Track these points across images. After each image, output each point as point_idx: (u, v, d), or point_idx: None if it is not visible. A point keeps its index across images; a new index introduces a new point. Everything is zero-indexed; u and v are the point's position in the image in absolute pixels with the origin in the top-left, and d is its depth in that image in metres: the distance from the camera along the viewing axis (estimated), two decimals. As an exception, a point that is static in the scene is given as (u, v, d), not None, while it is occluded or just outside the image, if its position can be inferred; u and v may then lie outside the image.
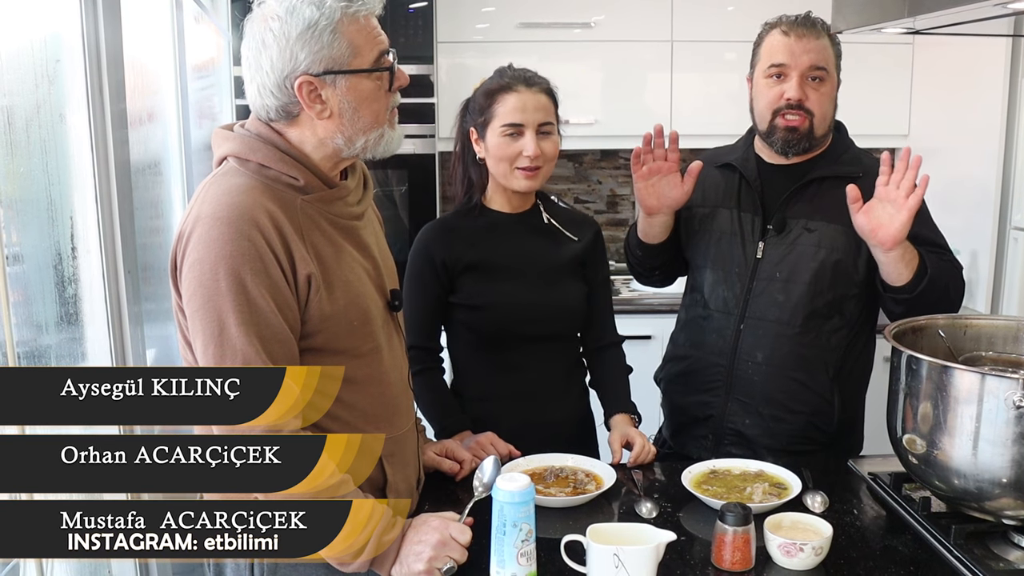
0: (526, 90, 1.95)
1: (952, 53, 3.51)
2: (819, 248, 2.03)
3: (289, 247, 1.46)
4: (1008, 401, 1.47)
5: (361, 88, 1.51)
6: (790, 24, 2.03)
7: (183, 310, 1.47)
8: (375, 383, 1.60)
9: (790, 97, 2.01)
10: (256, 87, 1.50)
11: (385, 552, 1.46)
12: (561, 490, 1.80)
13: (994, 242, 3.35)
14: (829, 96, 2.04)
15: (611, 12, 3.73)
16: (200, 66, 2.96)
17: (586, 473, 1.87)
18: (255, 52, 1.49)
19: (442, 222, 2.09)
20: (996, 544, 1.58)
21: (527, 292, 2.00)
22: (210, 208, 1.43)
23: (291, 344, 1.46)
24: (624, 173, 4.27)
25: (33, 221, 1.66)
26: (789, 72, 2.01)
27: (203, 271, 1.41)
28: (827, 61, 2.02)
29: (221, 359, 1.41)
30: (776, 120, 2.04)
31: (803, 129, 2.02)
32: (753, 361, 2.07)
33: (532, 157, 1.94)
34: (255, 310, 1.41)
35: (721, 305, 2.12)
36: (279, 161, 1.51)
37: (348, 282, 1.54)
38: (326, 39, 1.46)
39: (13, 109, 1.54)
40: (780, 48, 2.02)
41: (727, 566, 1.51)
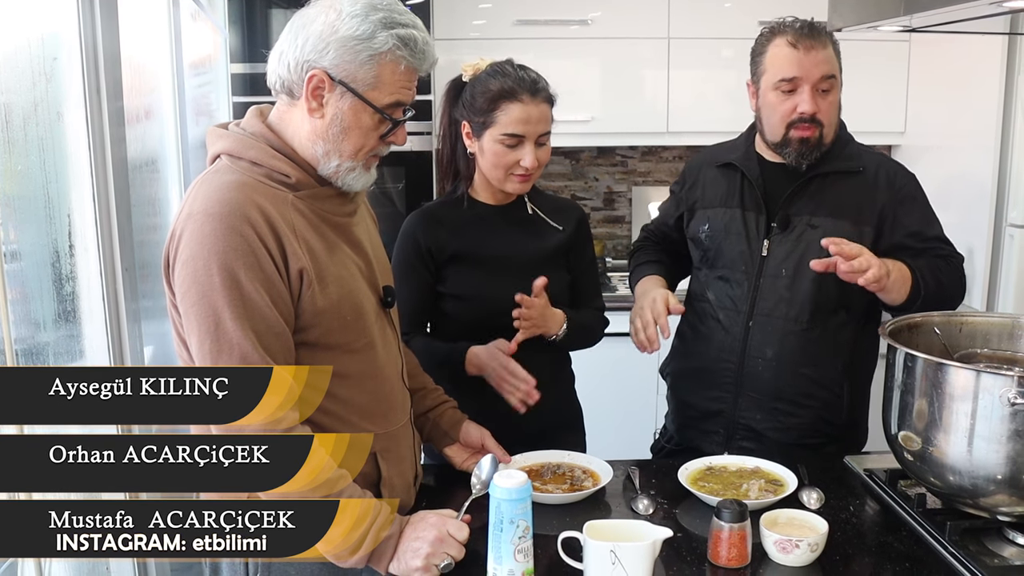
0: (531, 100, 1.94)
1: (948, 51, 3.52)
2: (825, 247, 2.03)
3: (281, 242, 1.46)
4: (1003, 398, 1.48)
5: (360, 117, 1.52)
6: (797, 35, 1.99)
7: (177, 307, 1.48)
8: (369, 378, 1.60)
9: (804, 111, 1.99)
10: (279, 54, 1.52)
11: (383, 547, 1.47)
12: (558, 487, 1.81)
13: (990, 239, 3.34)
14: (836, 103, 2.05)
15: (608, 9, 3.73)
16: (197, 63, 2.96)
17: (583, 470, 1.88)
18: (302, 24, 1.50)
19: (427, 211, 2.09)
20: (991, 540, 1.58)
21: (512, 283, 2.00)
22: (202, 205, 1.44)
23: (287, 337, 1.47)
24: (621, 170, 4.27)
25: (31, 219, 1.66)
26: (801, 85, 1.99)
27: (196, 267, 1.41)
28: (835, 69, 2.02)
29: (218, 354, 1.41)
30: (790, 133, 2.03)
31: (814, 139, 2.02)
32: (763, 358, 2.08)
33: (530, 168, 1.95)
34: (250, 304, 1.42)
35: (728, 303, 2.12)
36: (271, 158, 1.52)
37: (341, 277, 1.55)
38: (362, 59, 1.48)
39: (10, 107, 1.54)
40: (790, 61, 1.99)
41: (723, 562, 1.51)
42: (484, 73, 1.99)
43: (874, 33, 2.25)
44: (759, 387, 2.09)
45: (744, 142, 2.19)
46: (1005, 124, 3.28)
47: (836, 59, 2.03)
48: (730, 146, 2.22)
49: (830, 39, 2.02)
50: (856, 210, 2.04)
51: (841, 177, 2.05)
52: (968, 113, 3.45)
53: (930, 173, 3.41)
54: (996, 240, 3.36)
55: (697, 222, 2.18)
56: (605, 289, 3.78)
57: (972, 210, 3.38)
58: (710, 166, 2.20)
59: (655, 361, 2.35)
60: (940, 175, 3.57)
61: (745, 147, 2.17)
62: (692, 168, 2.27)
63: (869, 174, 2.07)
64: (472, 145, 2.00)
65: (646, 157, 4.27)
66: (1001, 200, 3.33)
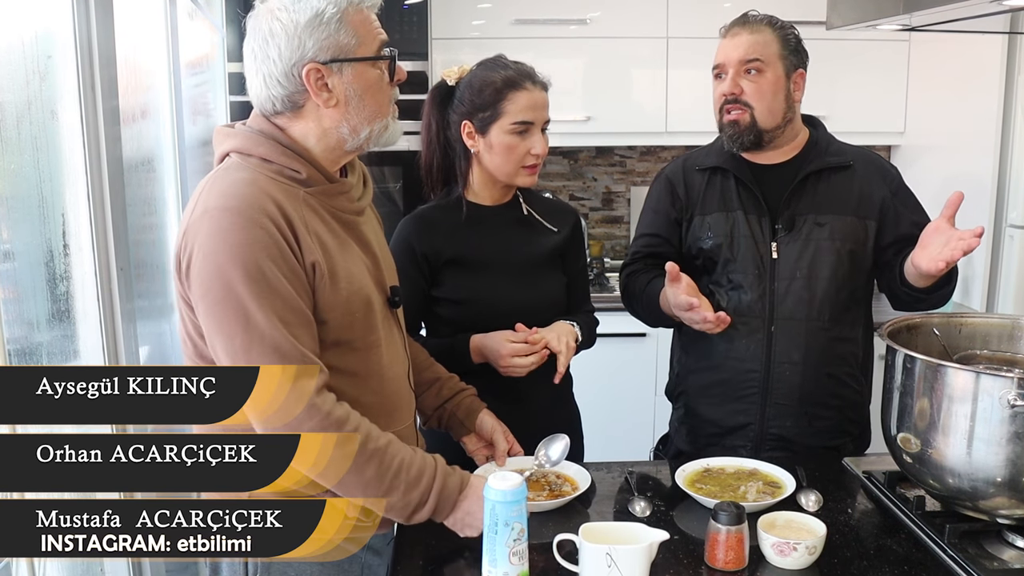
0: (534, 87, 1.96)
1: (948, 50, 3.51)
2: (833, 240, 2.04)
3: (296, 234, 1.47)
4: (1003, 400, 1.47)
5: (366, 76, 1.54)
6: (730, 25, 2.07)
7: (188, 302, 1.48)
8: (375, 377, 1.60)
9: (724, 92, 2.04)
10: (262, 78, 1.52)
11: (442, 503, 1.54)
12: (538, 494, 1.78)
13: (990, 240, 3.34)
14: (771, 87, 2.03)
15: (606, 8, 3.72)
16: (194, 62, 2.95)
17: (557, 475, 1.85)
18: (261, 43, 1.51)
19: (421, 215, 2.07)
20: (990, 543, 1.58)
21: (508, 285, 2.00)
22: (217, 200, 1.44)
23: (313, 327, 1.48)
24: (619, 170, 4.27)
25: (24, 218, 1.65)
26: (725, 69, 2.05)
27: (219, 262, 1.41)
28: (761, 52, 2.02)
29: (249, 347, 1.41)
30: (723, 119, 2.07)
31: (744, 122, 2.03)
32: (790, 362, 2.05)
33: (541, 155, 1.96)
34: (276, 296, 1.42)
35: (745, 310, 2.07)
36: (281, 155, 1.52)
37: (351, 273, 1.56)
38: (333, 27, 1.49)
39: (4, 105, 1.53)
40: (718, 50, 2.07)
41: (720, 565, 1.51)
42: (479, 69, 1.98)
43: (874, 32, 2.25)
44: (787, 393, 2.06)
45: (723, 146, 2.13)
46: (1005, 124, 3.28)
47: (775, 45, 2.03)
48: (707, 151, 2.19)
49: (771, 26, 2.04)
50: (857, 204, 2.05)
51: (833, 173, 2.06)
52: (968, 113, 3.45)
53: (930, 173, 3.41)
54: (996, 241, 3.36)
55: (698, 229, 2.13)
56: (603, 289, 3.79)
57: (972, 210, 3.36)
58: (693, 172, 2.16)
59: (652, 362, 2.34)
60: (940, 175, 3.56)
61: (729, 152, 2.11)
62: (673, 176, 2.20)
63: (859, 168, 2.08)
64: (475, 144, 1.99)
65: (644, 157, 4.26)
66: (1001, 201, 3.33)
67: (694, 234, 2.14)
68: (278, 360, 1.41)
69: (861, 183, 2.06)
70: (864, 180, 2.07)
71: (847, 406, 2.11)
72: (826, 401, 2.08)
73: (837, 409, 2.10)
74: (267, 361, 1.41)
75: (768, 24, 2.04)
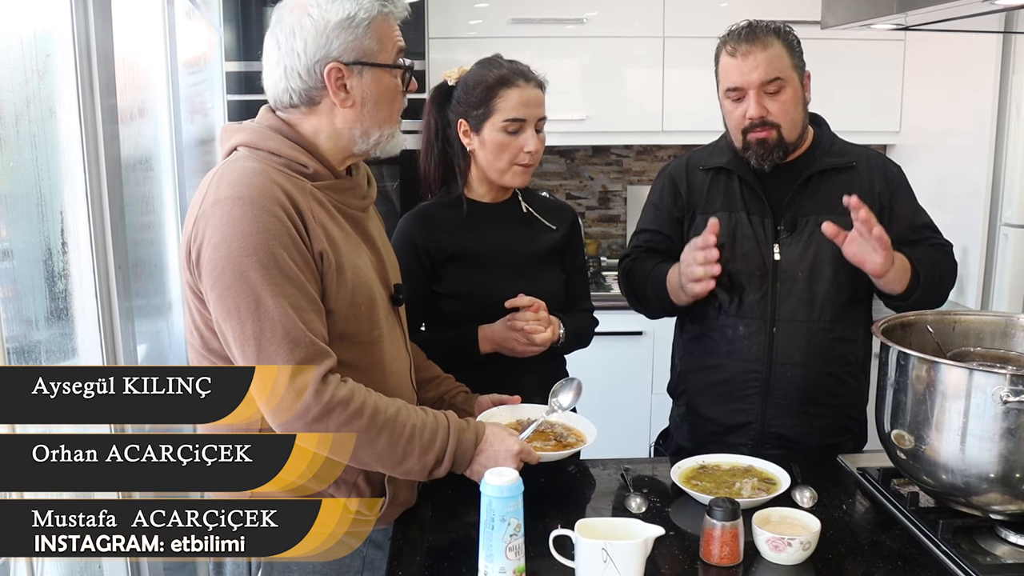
0: (527, 84, 1.97)
1: (943, 50, 3.52)
2: (834, 242, 2.03)
3: (305, 223, 1.49)
4: (996, 396, 1.48)
5: (383, 82, 1.58)
6: (736, 42, 2.01)
7: (197, 293, 1.49)
8: (377, 372, 1.61)
9: (751, 116, 2.01)
10: (283, 69, 1.55)
11: (459, 459, 1.58)
12: (545, 443, 1.79)
13: (984, 238, 3.35)
14: (793, 101, 2.02)
15: (603, 8, 3.73)
16: (191, 62, 2.95)
17: (565, 427, 1.87)
18: (288, 35, 1.53)
19: (422, 211, 2.09)
20: (984, 539, 1.59)
21: (508, 282, 2.01)
22: (228, 190, 1.45)
23: (323, 314, 1.50)
24: (615, 169, 4.27)
25: (23, 216, 1.66)
26: (745, 93, 2.01)
27: (231, 249, 1.42)
28: (780, 69, 1.99)
29: (260, 334, 1.42)
30: (748, 138, 2.04)
31: (772, 140, 2.02)
32: (791, 363, 2.06)
33: (533, 152, 1.96)
34: (288, 282, 1.44)
35: (747, 311, 2.08)
36: (289, 149, 1.55)
37: (356, 266, 1.57)
38: (361, 31, 1.53)
39: (3, 104, 1.54)
40: (731, 70, 2.02)
41: (715, 561, 1.51)
42: (475, 68, 2.01)
43: (868, 32, 2.25)
44: (788, 393, 2.07)
45: (728, 146, 2.14)
46: (1000, 123, 3.28)
47: (787, 57, 2.01)
48: (712, 150, 2.20)
49: (777, 37, 2.01)
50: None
51: (836, 173, 2.06)
52: (963, 112, 3.45)
53: (925, 172, 3.42)
54: (990, 239, 3.37)
55: (700, 228, 2.09)
56: (600, 288, 3.79)
57: (967, 209, 3.39)
58: (696, 171, 2.17)
59: (649, 360, 2.34)
60: (935, 174, 3.57)
61: (731, 151, 2.13)
62: (676, 174, 2.20)
63: (862, 168, 2.09)
64: (471, 142, 2.00)
65: (641, 156, 4.27)
66: (996, 199, 3.33)
67: (696, 233, 2.12)
68: (288, 346, 1.43)
69: (862, 183, 2.06)
70: (865, 179, 2.07)
71: (847, 404, 2.12)
72: (827, 401, 2.09)
73: (837, 408, 2.11)
74: (277, 347, 1.42)
75: (774, 34, 2.01)
